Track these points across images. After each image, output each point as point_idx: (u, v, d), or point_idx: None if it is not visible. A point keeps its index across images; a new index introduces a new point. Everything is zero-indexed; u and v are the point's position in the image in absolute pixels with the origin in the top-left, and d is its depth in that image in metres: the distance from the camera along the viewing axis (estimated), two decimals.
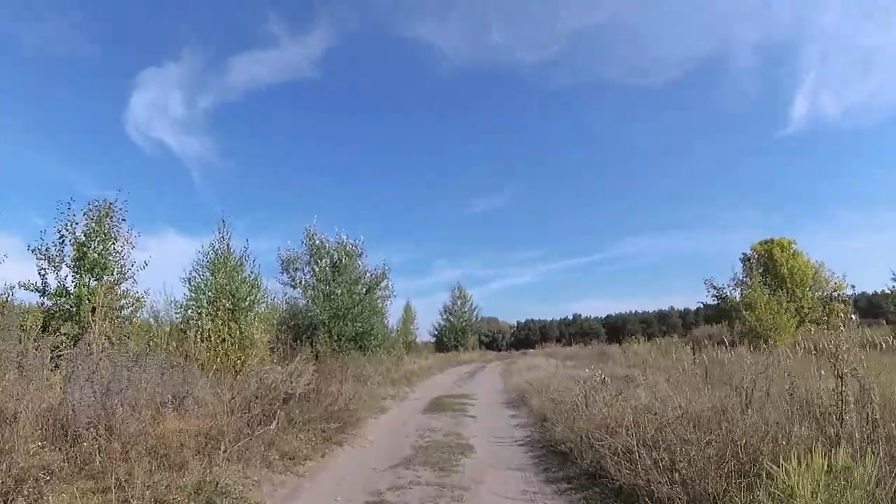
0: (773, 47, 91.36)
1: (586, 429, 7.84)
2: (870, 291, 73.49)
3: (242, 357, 15.01)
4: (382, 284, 28.58)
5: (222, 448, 7.15)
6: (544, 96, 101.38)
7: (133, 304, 15.33)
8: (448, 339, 53.06)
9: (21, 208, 55.84)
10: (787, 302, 26.65)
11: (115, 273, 14.79)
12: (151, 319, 17.61)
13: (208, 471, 6.76)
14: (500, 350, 78.11)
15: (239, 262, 18.02)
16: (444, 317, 55.03)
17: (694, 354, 17.64)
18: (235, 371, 9.20)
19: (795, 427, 5.29)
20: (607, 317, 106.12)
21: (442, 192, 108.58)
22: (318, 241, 26.80)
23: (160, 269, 17.57)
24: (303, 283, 26.41)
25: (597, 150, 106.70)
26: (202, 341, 15.41)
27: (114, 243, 14.89)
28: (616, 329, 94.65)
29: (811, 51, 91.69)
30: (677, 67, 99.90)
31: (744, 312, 24.92)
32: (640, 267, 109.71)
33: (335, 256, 26.77)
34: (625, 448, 6.05)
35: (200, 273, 17.42)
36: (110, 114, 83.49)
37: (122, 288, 15.13)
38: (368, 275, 28.08)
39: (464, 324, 54.79)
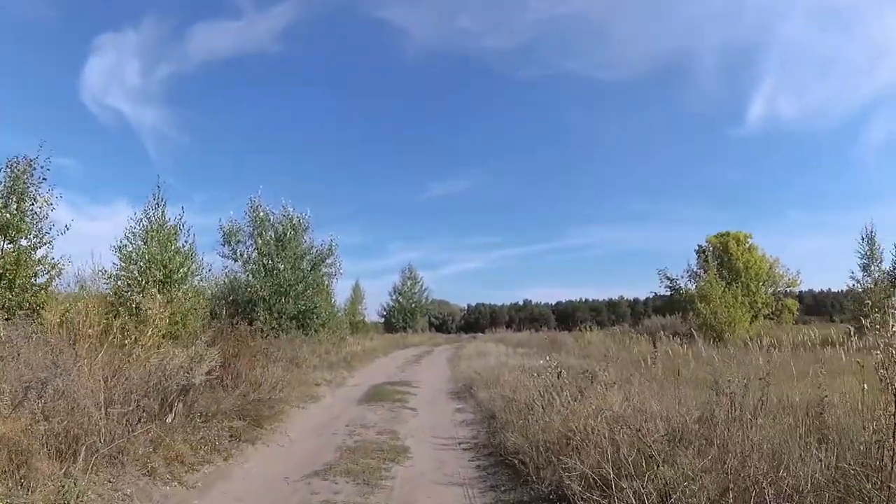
0: (736, 50, 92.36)
1: (544, 439, 6.42)
2: (816, 290, 75.79)
3: (137, 335, 13.25)
4: (329, 261, 26.84)
5: (82, 453, 5.50)
6: (509, 85, 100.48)
7: (49, 271, 13.57)
8: (396, 321, 51.51)
9: None
10: (742, 296, 26.27)
11: (30, 236, 13.11)
12: (77, 289, 15.86)
13: (65, 482, 5.13)
14: (449, 333, 77.32)
15: (173, 231, 16.35)
16: (394, 297, 53.44)
17: (655, 347, 16.62)
18: (126, 352, 7.53)
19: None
20: (557, 303, 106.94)
21: (400, 175, 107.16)
22: (262, 213, 24.89)
23: (111, 239, 15.79)
24: (245, 256, 24.48)
25: (557, 141, 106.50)
26: (129, 315, 13.89)
27: (32, 204, 13.15)
28: (566, 316, 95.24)
29: (772, 55, 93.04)
30: (642, 64, 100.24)
31: (698, 304, 24.27)
32: (592, 257, 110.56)
33: (280, 230, 24.94)
34: (596, 474, 4.66)
35: (133, 241, 15.72)
36: (65, 80, 78.65)
37: (38, 254, 13.39)
38: (314, 250, 26.33)
39: (413, 305, 53.28)
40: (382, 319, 53.80)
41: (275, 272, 24.06)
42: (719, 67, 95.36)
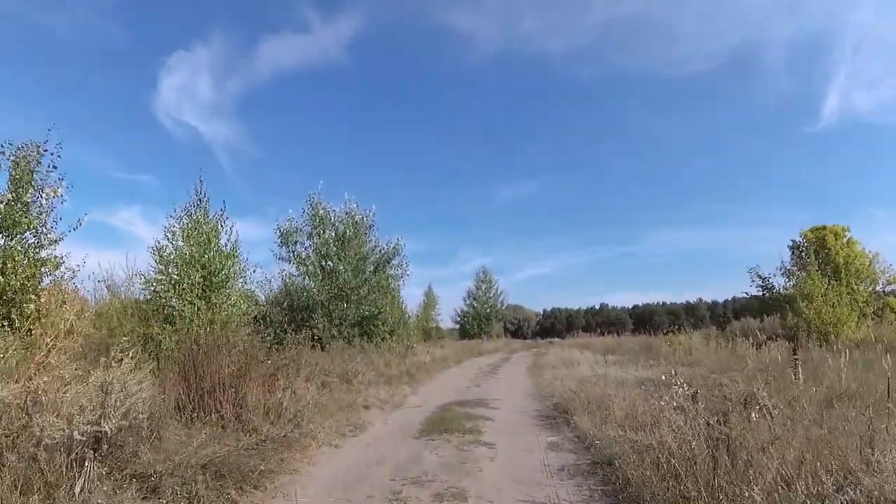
0: (804, 42, 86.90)
1: None
2: None
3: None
4: (394, 262, 23.79)
5: None
6: (573, 86, 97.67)
7: (52, 272, 10.99)
8: (471, 327, 48.09)
9: None
10: (846, 294, 22.33)
11: (36, 231, 10.30)
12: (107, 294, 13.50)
13: None
14: (525, 338, 73.97)
15: (213, 229, 13.97)
16: (468, 302, 50.01)
17: (795, 354, 12.83)
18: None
19: None
20: (634, 307, 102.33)
21: (469, 180, 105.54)
22: (321, 211, 22.13)
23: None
24: (302, 257, 21.80)
25: (625, 141, 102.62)
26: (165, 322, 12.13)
27: (40, 194, 10.47)
28: (643, 319, 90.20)
29: (843, 46, 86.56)
30: (708, 60, 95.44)
31: (800, 304, 20.37)
32: (666, 260, 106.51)
33: (340, 228, 22.10)
34: None
35: (172, 241, 13.52)
36: (140, 98, 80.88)
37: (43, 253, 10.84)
38: (379, 250, 23.37)
39: (488, 310, 49.65)
40: (457, 326, 50.58)
41: (334, 274, 21.25)
42: (789, 61, 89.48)
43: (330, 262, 21.74)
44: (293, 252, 22.05)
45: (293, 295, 21.44)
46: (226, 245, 14.19)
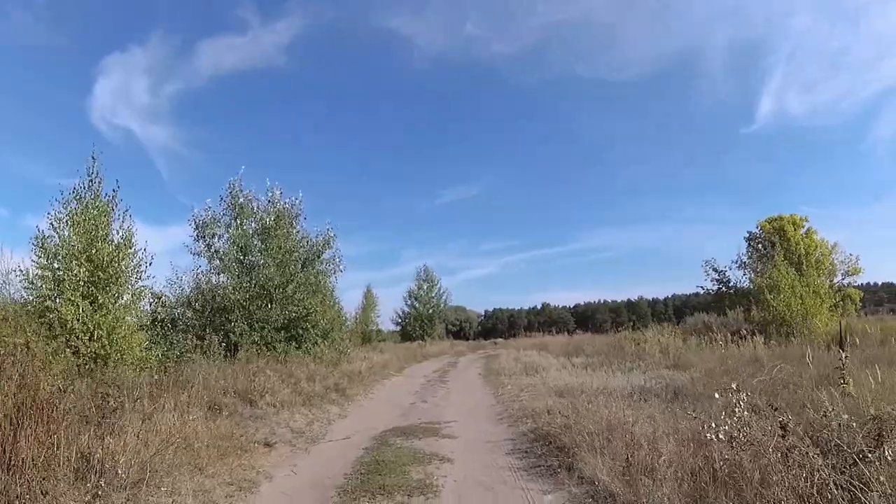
0: (743, 47, 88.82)
1: None
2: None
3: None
4: (325, 256, 20.16)
5: None
6: (518, 89, 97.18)
7: None
8: (413, 329, 44.64)
9: None
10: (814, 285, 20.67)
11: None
12: None
13: None
14: (468, 339, 71.11)
15: (102, 212, 11.12)
16: (409, 303, 46.47)
17: (843, 352, 10.32)
18: None
19: None
20: (576, 306, 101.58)
21: (411, 183, 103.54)
22: (241, 199, 18.36)
23: None
24: (220, 252, 17.98)
25: (568, 144, 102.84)
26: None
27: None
28: (585, 318, 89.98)
29: (780, 51, 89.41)
30: (650, 64, 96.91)
31: (767, 296, 18.77)
32: (607, 258, 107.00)
33: (264, 219, 18.43)
34: None
35: (59, 230, 10.72)
36: (75, 101, 74.43)
37: None
38: (307, 242, 19.72)
39: (431, 311, 46.26)
40: (398, 328, 47.07)
41: (255, 270, 17.57)
42: (728, 65, 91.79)
43: (250, 257, 18.08)
44: (209, 246, 18.17)
45: (206, 294, 17.59)
46: (117, 233, 11.38)
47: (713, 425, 5.02)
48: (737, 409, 5.44)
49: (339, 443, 7.92)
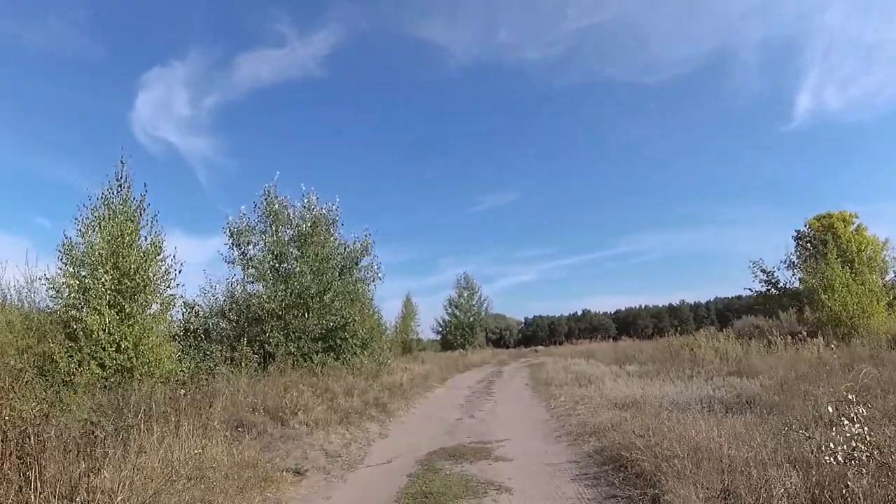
0: (776, 44, 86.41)
1: None
2: None
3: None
4: (363, 263, 19.32)
5: None
6: (551, 94, 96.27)
7: None
8: (454, 337, 43.52)
9: (25, 210, 53.04)
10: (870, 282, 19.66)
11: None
12: None
13: None
14: (508, 347, 69.94)
15: (129, 218, 10.64)
16: (450, 311, 45.36)
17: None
18: None
19: None
20: (616, 312, 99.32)
21: (448, 191, 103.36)
22: (277, 206, 17.74)
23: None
24: (255, 260, 17.36)
25: (603, 147, 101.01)
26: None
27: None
28: (626, 324, 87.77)
29: (814, 47, 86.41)
30: (682, 65, 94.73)
31: (822, 296, 17.67)
32: (646, 263, 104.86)
33: (300, 225, 17.75)
34: None
35: (86, 236, 10.32)
36: (117, 114, 76.69)
37: None
38: (344, 249, 18.94)
39: (471, 319, 45.09)
40: (438, 337, 46.04)
41: (291, 278, 16.85)
42: (762, 63, 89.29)
43: (286, 265, 17.41)
44: (245, 254, 17.56)
45: (240, 304, 16.94)
46: (146, 240, 10.85)
47: (830, 445, 4.01)
48: (854, 424, 4.39)
49: (381, 468, 6.95)
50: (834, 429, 4.65)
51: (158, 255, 10.87)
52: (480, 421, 10.44)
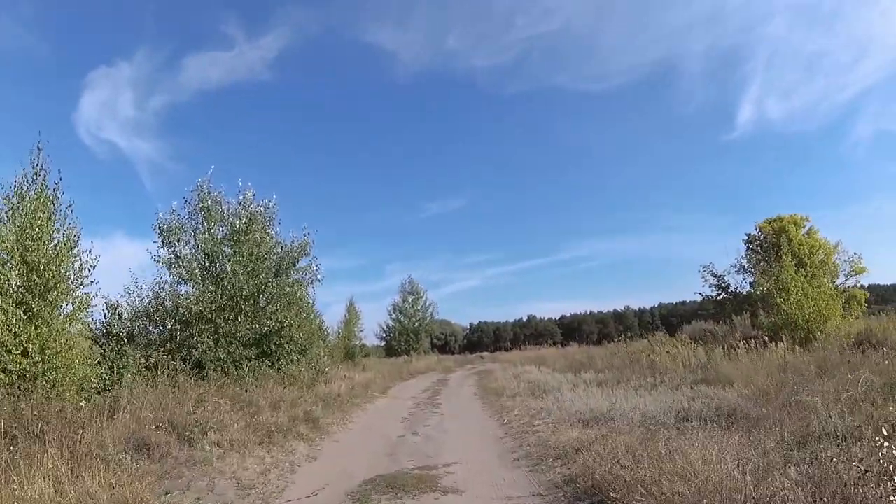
0: (720, 54, 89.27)
1: None
2: None
3: None
4: (301, 264, 17.75)
5: None
6: (499, 101, 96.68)
7: None
8: (398, 343, 42.11)
9: None
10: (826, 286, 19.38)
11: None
12: None
13: None
14: (453, 353, 68.81)
15: (41, 207, 9.41)
16: (394, 316, 43.93)
17: None
18: None
19: None
20: (561, 318, 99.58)
21: (395, 196, 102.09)
22: (209, 201, 16.01)
23: (109, 275, 10.01)
24: (185, 259, 15.56)
25: (550, 154, 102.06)
26: None
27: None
28: (572, 329, 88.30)
29: (758, 57, 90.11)
30: (629, 73, 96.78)
31: (778, 299, 17.14)
32: (590, 269, 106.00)
33: (235, 223, 16.07)
34: None
35: None
36: (60, 114, 71.94)
37: None
38: (281, 248, 17.32)
39: (416, 324, 43.78)
40: (382, 343, 44.46)
41: (223, 280, 15.19)
42: (706, 73, 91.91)
43: (219, 265, 15.71)
44: (175, 253, 15.72)
45: (167, 306, 15.15)
46: (59, 232, 9.66)
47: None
48: None
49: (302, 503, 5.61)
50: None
51: (72, 249, 9.63)
52: (426, 439, 9.21)
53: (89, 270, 9.90)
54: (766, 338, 14.73)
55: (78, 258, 9.72)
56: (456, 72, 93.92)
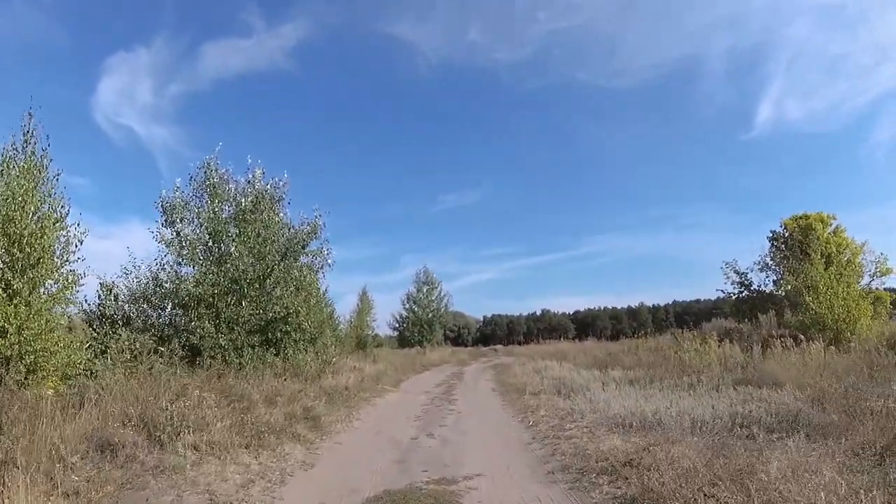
0: (742, 54, 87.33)
1: None
2: None
3: None
4: (311, 247, 16.56)
5: None
6: (519, 96, 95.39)
7: None
8: (411, 334, 40.94)
9: None
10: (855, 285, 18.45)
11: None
12: None
13: None
14: (466, 346, 67.88)
15: (25, 174, 8.60)
16: (408, 306, 42.70)
17: None
18: None
19: None
20: (575, 312, 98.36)
21: (413, 188, 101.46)
22: (216, 179, 14.93)
23: (122, 260, 8.77)
24: (188, 239, 14.52)
25: (569, 150, 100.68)
26: None
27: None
28: (585, 325, 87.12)
29: (779, 58, 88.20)
30: (651, 71, 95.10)
31: (806, 297, 16.29)
32: (606, 265, 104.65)
33: (241, 202, 14.96)
34: None
35: None
36: (78, 99, 72.07)
37: None
38: (289, 230, 16.18)
39: (430, 315, 42.51)
40: (395, 333, 43.33)
41: (227, 261, 14.11)
42: (728, 72, 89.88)
43: (223, 246, 14.61)
44: (178, 233, 14.63)
45: (166, 287, 14.10)
46: (43, 201, 8.87)
47: None
48: None
49: None
50: None
51: (59, 222, 8.86)
52: (442, 442, 7.94)
53: (76, 245, 9.09)
54: (793, 337, 14.26)
55: (64, 232, 8.94)
56: (476, 65, 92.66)
